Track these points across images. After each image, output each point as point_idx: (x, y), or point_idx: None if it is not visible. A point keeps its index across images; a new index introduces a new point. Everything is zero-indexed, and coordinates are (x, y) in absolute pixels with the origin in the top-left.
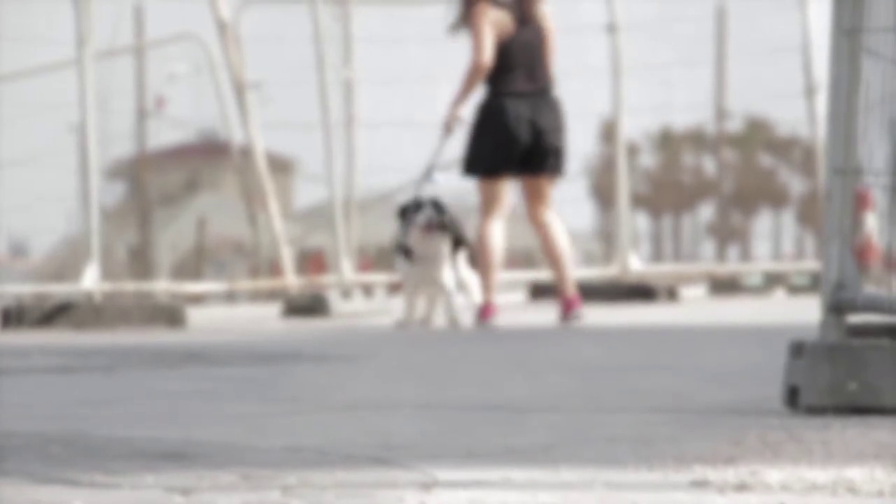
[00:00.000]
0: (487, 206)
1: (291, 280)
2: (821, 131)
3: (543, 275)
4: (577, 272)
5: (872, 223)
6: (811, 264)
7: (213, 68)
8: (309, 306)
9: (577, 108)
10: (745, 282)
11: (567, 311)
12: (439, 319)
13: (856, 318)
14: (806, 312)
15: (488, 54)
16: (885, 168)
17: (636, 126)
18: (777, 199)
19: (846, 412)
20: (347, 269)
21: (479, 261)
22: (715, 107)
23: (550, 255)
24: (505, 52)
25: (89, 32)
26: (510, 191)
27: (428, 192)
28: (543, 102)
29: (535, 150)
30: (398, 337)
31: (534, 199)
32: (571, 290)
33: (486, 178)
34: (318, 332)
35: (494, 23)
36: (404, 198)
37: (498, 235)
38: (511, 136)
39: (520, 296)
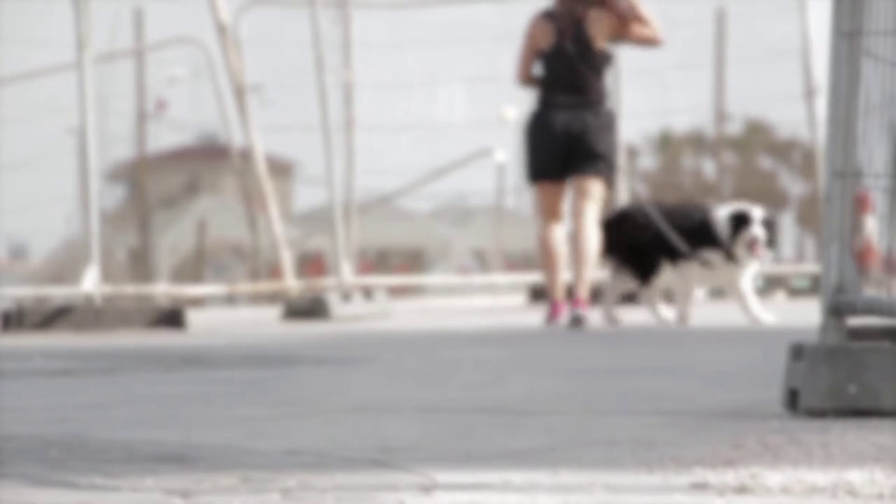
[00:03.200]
0: (540, 211)
1: (291, 283)
2: (820, 134)
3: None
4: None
5: (872, 226)
6: (811, 267)
7: (213, 71)
8: (309, 309)
9: None
10: None
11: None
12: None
13: (856, 321)
14: (806, 315)
15: (519, 72)
16: (884, 171)
17: (636, 129)
18: (777, 201)
19: (846, 415)
20: (347, 272)
21: (541, 264)
22: (714, 109)
23: (573, 255)
24: (547, 64)
25: (89, 35)
26: (562, 197)
27: (759, 212)
28: (584, 112)
29: (577, 154)
30: (397, 340)
31: (577, 196)
32: (582, 293)
33: (534, 184)
34: (317, 334)
35: (537, 36)
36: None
37: (555, 238)
38: (547, 141)
39: (520, 298)
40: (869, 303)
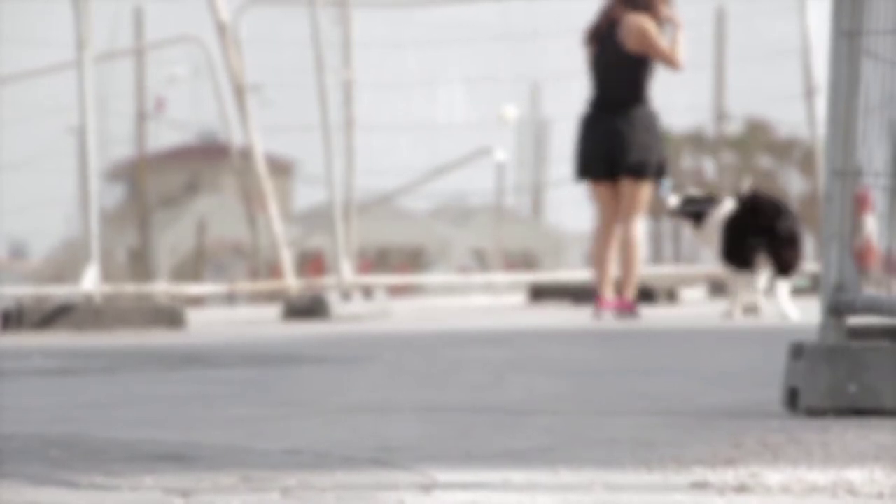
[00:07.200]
0: (596, 210)
1: (291, 282)
2: (820, 133)
3: (542, 277)
4: (576, 274)
5: (872, 225)
6: (811, 266)
7: (213, 70)
8: (308, 308)
9: (576, 111)
10: None
11: (620, 310)
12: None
13: (855, 320)
14: (805, 314)
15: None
16: (884, 170)
17: None
18: None
19: (846, 414)
20: (347, 271)
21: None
22: (714, 109)
23: (620, 259)
24: (590, 70)
25: (89, 35)
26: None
27: None
28: (616, 116)
29: (609, 157)
30: (397, 339)
31: (620, 204)
32: (629, 294)
33: (588, 183)
34: (317, 334)
35: (585, 45)
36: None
37: (604, 236)
38: (582, 146)
39: (519, 297)
40: (869, 302)
